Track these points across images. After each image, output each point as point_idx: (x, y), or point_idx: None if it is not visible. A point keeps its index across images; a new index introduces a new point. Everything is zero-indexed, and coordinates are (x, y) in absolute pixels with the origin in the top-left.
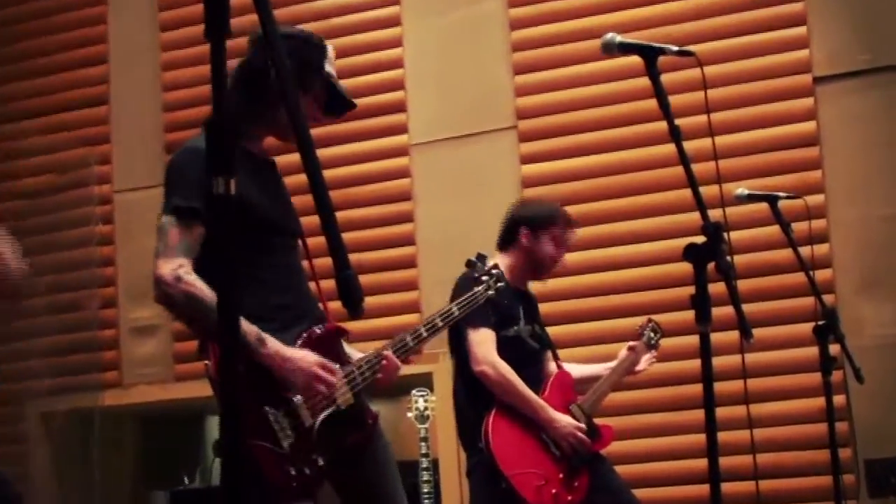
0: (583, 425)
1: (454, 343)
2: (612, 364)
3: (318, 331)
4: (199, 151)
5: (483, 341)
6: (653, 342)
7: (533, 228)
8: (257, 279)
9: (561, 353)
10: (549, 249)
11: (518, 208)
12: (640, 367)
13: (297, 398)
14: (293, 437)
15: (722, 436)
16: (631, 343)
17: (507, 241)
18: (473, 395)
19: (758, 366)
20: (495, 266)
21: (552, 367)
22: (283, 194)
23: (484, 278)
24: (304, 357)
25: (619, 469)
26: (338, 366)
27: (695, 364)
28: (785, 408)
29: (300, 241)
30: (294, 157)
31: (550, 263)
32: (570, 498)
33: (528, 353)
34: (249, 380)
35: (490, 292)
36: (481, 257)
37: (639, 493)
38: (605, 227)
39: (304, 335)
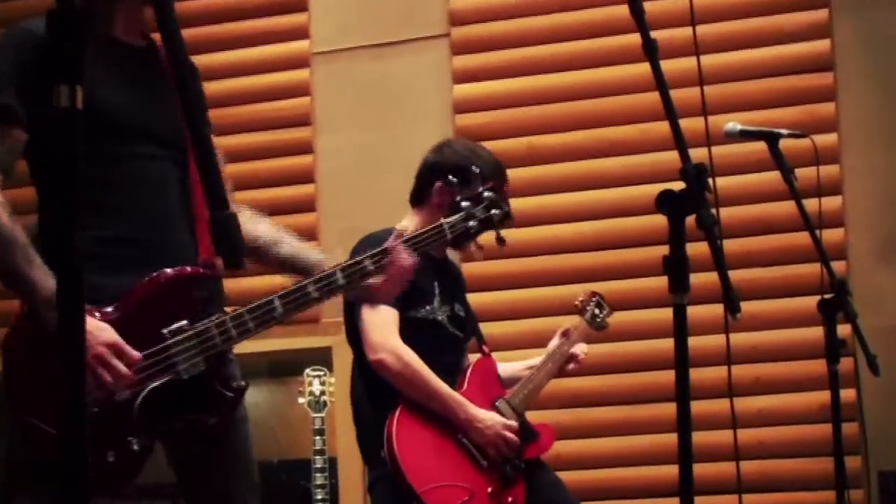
0: (514, 423)
1: (349, 323)
2: (541, 358)
3: (169, 273)
4: (27, 35)
5: (381, 323)
6: (598, 320)
7: (450, 185)
8: (97, 203)
9: (494, 331)
10: None
11: (436, 153)
12: (571, 366)
13: None
14: (94, 414)
15: (699, 437)
16: (565, 327)
17: (419, 194)
18: (374, 391)
19: (746, 349)
20: (488, 188)
21: (470, 356)
22: (158, 91)
23: (463, 203)
24: (92, 332)
25: (566, 478)
26: (184, 323)
27: (667, 345)
28: (779, 403)
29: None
30: None
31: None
32: None
33: (444, 340)
34: (34, 340)
35: (470, 224)
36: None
37: None
38: (556, 167)
39: (146, 280)
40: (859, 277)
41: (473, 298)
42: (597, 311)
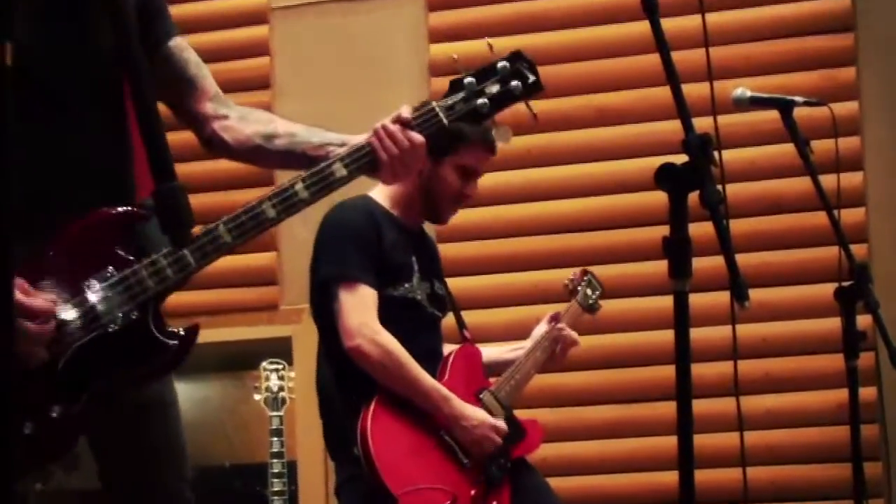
0: (501, 424)
1: (317, 303)
2: (527, 344)
3: (98, 214)
4: None
5: (359, 305)
6: (590, 301)
7: (431, 151)
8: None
9: (474, 320)
10: (453, 182)
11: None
12: (573, 338)
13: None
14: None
15: (701, 439)
16: (553, 313)
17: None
18: (345, 380)
19: (755, 342)
20: (501, 57)
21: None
22: (89, 33)
23: (465, 80)
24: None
25: (555, 484)
26: (109, 269)
27: (666, 337)
28: (791, 402)
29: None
30: None
31: (453, 203)
32: None
33: (423, 322)
34: None
35: (479, 102)
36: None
37: None
38: (542, 137)
39: (72, 224)
40: (881, 262)
41: (450, 284)
42: (589, 291)
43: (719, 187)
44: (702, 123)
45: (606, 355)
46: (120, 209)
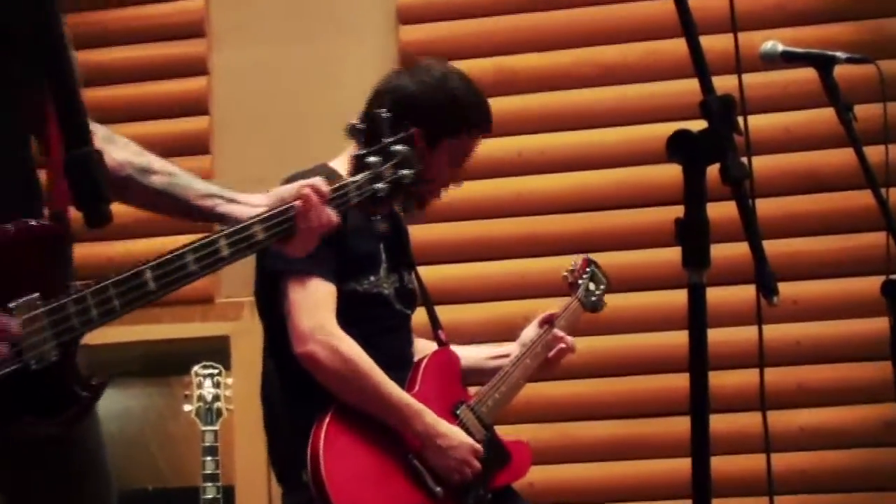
0: (480, 448)
1: (262, 298)
2: (514, 349)
3: (8, 230)
4: None
5: (313, 303)
6: (593, 298)
7: (427, 128)
8: None
9: (446, 318)
10: (446, 170)
11: (407, 82)
12: (553, 352)
13: None
14: None
15: (721, 462)
16: (546, 313)
17: (373, 132)
18: (295, 389)
19: (786, 346)
20: (406, 134)
21: (429, 345)
22: None
23: (370, 160)
24: None
25: None
26: (35, 296)
27: (679, 339)
28: (828, 418)
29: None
30: None
31: (439, 192)
32: None
33: (391, 321)
34: None
35: (378, 186)
36: (372, 118)
37: None
38: (532, 98)
39: None
40: None
41: (423, 274)
42: (592, 285)
43: (744, 159)
44: (724, 83)
45: (607, 361)
46: (43, 224)
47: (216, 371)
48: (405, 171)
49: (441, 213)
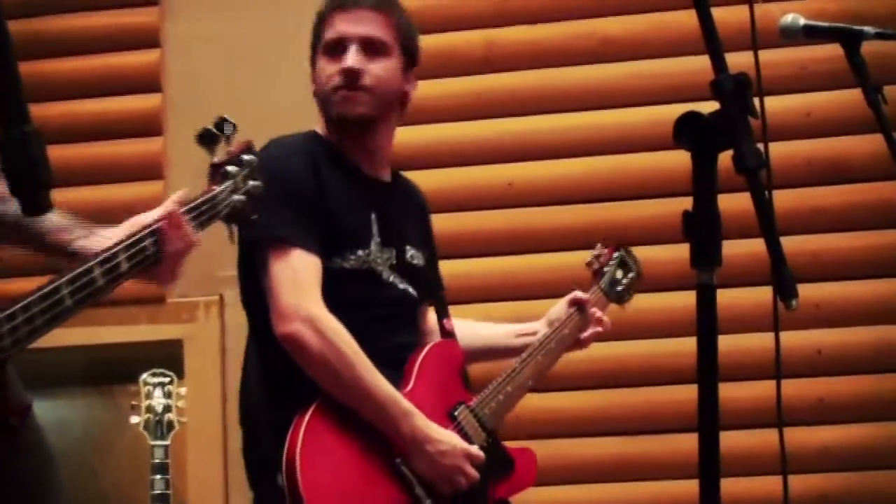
0: (478, 452)
1: (244, 274)
2: (537, 330)
3: None
4: None
5: (296, 276)
6: (619, 290)
7: (311, 57)
8: None
9: (453, 315)
10: (325, 67)
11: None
12: (587, 334)
13: None
14: None
15: (732, 484)
16: (576, 294)
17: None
18: (276, 379)
19: (806, 355)
20: (245, 146)
21: (431, 321)
22: None
23: (229, 169)
24: None
25: None
26: None
27: (687, 346)
28: (854, 437)
29: None
30: None
31: (333, 88)
32: None
33: (389, 307)
34: None
35: (237, 198)
36: (224, 125)
37: None
38: (526, 76)
39: None
40: None
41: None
42: (619, 273)
43: (760, 146)
44: (738, 60)
45: (608, 371)
46: None
47: (167, 379)
48: (255, 182)
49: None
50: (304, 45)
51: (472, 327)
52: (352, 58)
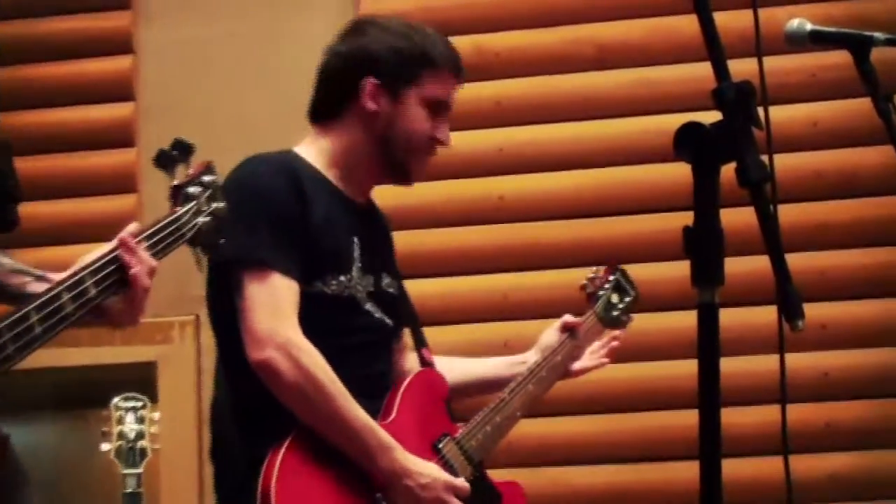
0: (463, 483)
1: (214, 296)
2: (526, 359)
3: None
4: None
5: (273, 301)
6: (614, 315)
7: (387, 77)
8: None
9: (434, 338)
10: (423, 120)
11: (355, 38)
12: (581, 364)
13: None
14: None
15: None
16: (569, 319)
17: (331, 103)
18: (249, 409)
19: (812, 378)
20: (205, 167)
21: (410, 359)
22: None
23: (191, 190)
24: None
25: None
26: None
27: (687, 369)
28: (860, 464)
29: None
30: None
31: (425, 149)
32: None
33: (367, 334)
34: None
35: (201, 220)
36: (181, 146)
37: None
38: (518, 84)
39: None
40: None
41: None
42: (614, 297)
43: (764, 158)
44: (741, 68)
45: (605, 395)
46: None
47: (140, 404)
48: (219, 204)
49: (404, 219)
50: (283, 52)
51: (458, 362)
52: (448, 134)
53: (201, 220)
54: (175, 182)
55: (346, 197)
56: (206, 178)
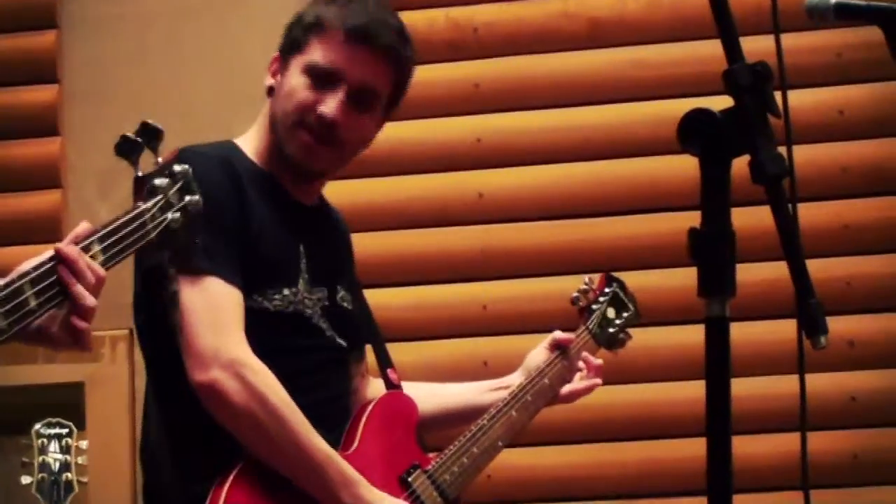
0: None
1: (143, 308)
2: (509, 383)
3: None
4: None
5: (217, 310)
6: (610, 332)
7: (282, 49)
8: None
9: (401, 361)
10: (297, 87)
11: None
12: (572, 388)
13: None
14: None
15: None
16: (558, 335)
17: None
18: (187, 443)
19: (838, 402)
20: (175, 156)
21: (373, 386)
22: None
23: (157, 182)
24: None
25: None
26: None
27: (694, 391)
28: (891, 500)
29: None
30: None
31: (295, 120)
32: None
33: (318, 354)
34: None
35: (170, 216)
36: (148, 131)
37: None
38: (503, 63)
39: None
40: None
41: (370, 298)
42: (610, 312)
43: (782, 150)
44: (756, 46)
45: (600, 420)
46: None
47: (65, 431)
48: (193, 197)
49: (366, 220)
50: (227, 26)
51: (428, 388)
52: (337, 107)
53: (171, 216)
54: (139, 173)
55: (291, 197)
56: (178, 168)
